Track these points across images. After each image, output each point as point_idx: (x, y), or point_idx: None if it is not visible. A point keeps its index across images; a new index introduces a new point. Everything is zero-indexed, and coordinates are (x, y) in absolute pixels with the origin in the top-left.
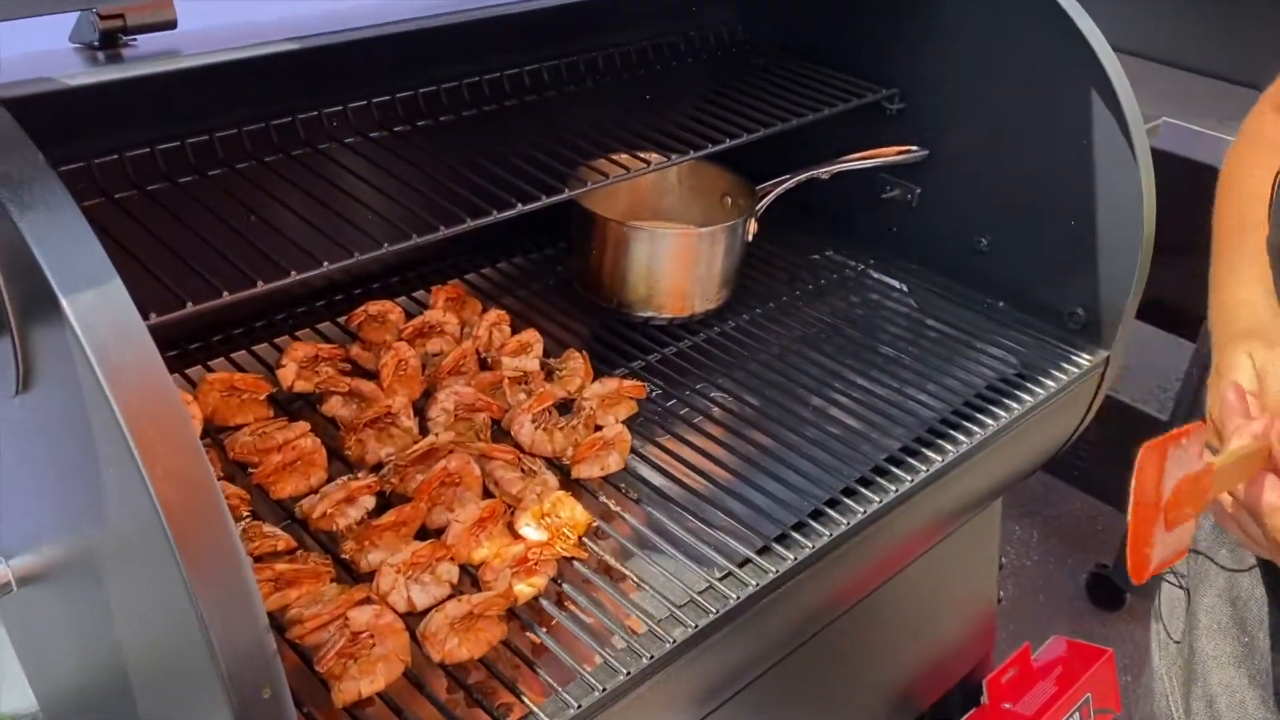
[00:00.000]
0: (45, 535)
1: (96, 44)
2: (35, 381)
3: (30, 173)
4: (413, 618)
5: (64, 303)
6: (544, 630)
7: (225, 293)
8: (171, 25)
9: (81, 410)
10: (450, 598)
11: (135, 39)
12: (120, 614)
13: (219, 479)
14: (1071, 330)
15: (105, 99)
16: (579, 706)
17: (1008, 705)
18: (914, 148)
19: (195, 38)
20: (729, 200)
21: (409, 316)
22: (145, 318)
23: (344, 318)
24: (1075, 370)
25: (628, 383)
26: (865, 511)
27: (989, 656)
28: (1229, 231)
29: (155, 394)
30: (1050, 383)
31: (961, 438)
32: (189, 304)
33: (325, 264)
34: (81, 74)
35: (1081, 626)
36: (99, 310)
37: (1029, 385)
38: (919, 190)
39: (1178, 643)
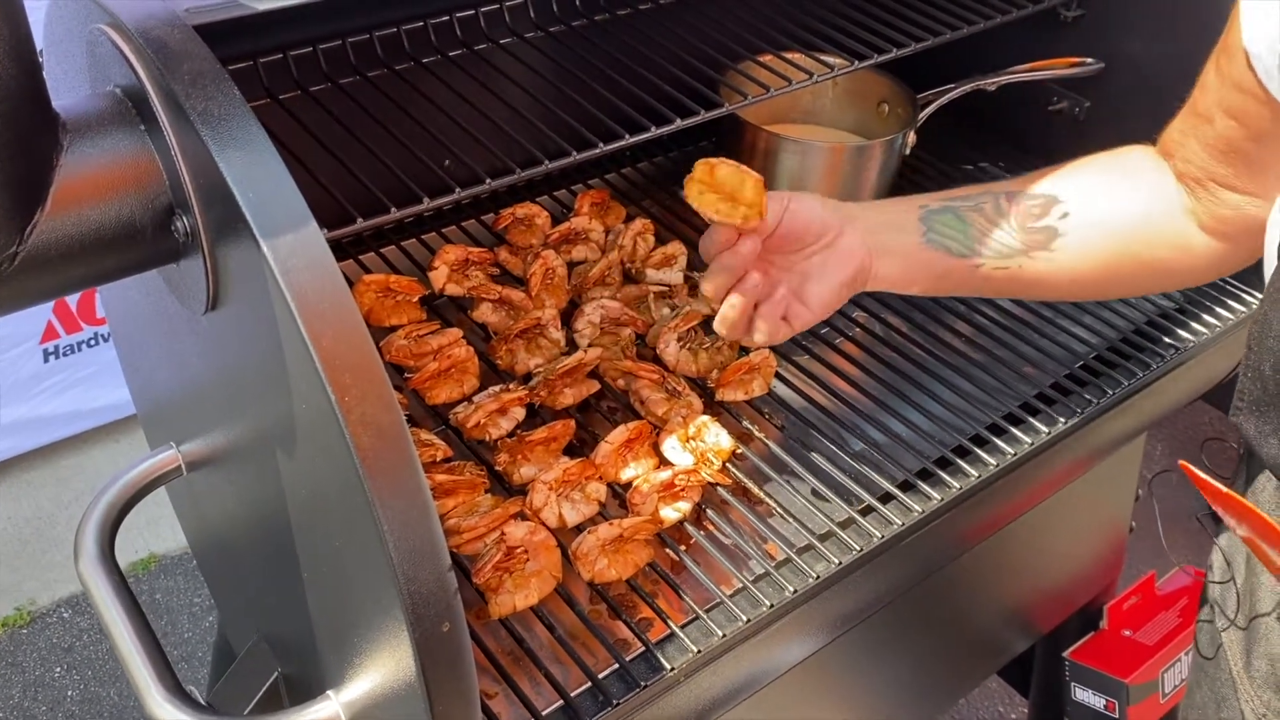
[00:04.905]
0: (219, 429)
1: None
2: (223, 302)
3: (228, 108)
4: (562, 533)
5: (260, 238)
6: (683, 549)
7: (393, 209)
8: None
9: (268, 330)
10: (599, 516)
11: None
12: (295, 512)
13: None
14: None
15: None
16: (723, 635)
17: (1128, 633)
18: (1089, 60)
19: None
20: (886, 108)
21: (554, 220)
22: None
23: (489, 216)
24: (1241, 309)
25: None
26: (1014, 453)
27: (1113, 584)
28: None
29: (344, 327)
30: (1213, 320)
31: (1119, 378)
32: (359, 219)
33: (489, 181)
34: None
35: (1204, 546)
36: (291, 244)
37: (1189, 324)
38: (1088, 104)
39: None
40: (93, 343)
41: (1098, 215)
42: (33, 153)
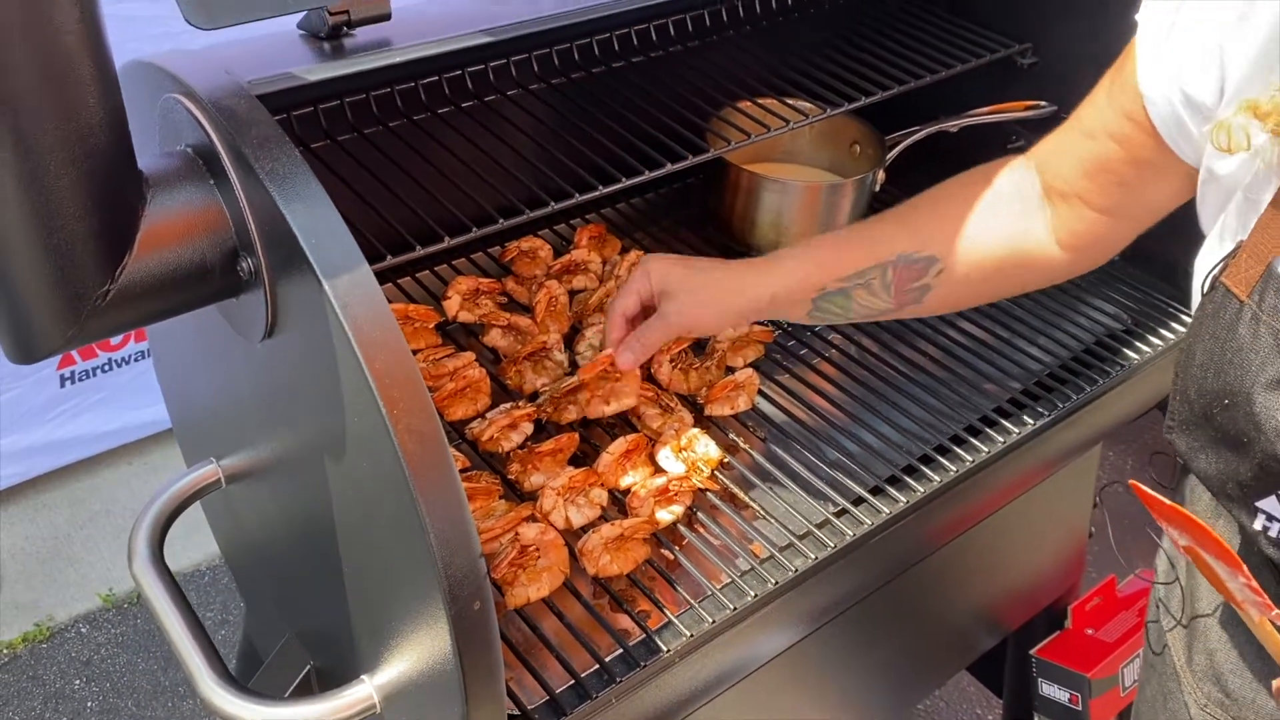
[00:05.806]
0: (262, 444)
1: (323, 35)
2: (280, 330)
3: (291, 168)
4: (569, 534)
5: (322, 277)
6: (678, 548)
7: (419, 247)
8: (386, 18)
9: (325, 355)
10: (601, 519)
11: (355, 31)
12: (340, 513)
13: None
14: (1185, 290)
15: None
16: (712, 621)
17: (1090, 631)
18: (1043, 104)
19: (401, 25)
20: (858, 149)
21: (556, 252)
22: None
23: (496, 249)
24: (1182, 330)
25: (757, 328)
26: (973, 461)
27: (1076, 585)
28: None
29: (393, 351)
30: (1157, 341)
31: (1070, 393)
32: (389, 256)
33: (502, 221)
34: (320, 68)
35: (1156, 550)
36: (348, 283)
37: (1135, 343)
38: None
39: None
40: (107, 368)
41: (969, 266)
42: (123, 205)
